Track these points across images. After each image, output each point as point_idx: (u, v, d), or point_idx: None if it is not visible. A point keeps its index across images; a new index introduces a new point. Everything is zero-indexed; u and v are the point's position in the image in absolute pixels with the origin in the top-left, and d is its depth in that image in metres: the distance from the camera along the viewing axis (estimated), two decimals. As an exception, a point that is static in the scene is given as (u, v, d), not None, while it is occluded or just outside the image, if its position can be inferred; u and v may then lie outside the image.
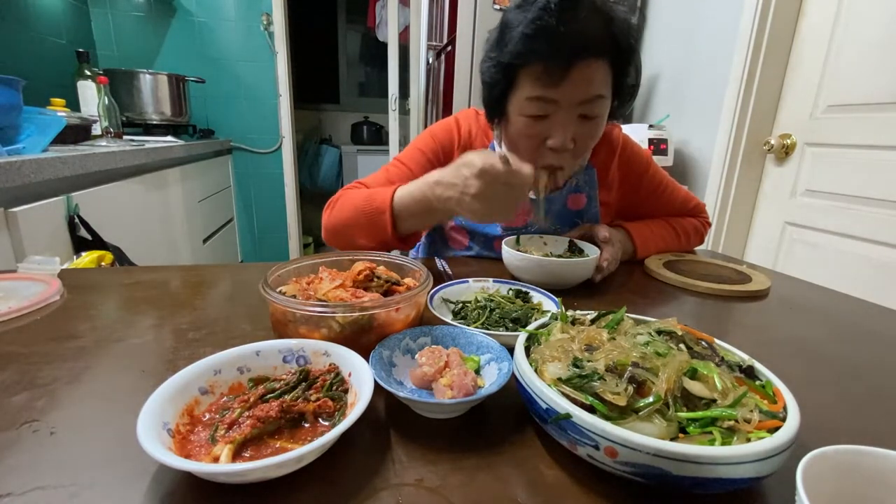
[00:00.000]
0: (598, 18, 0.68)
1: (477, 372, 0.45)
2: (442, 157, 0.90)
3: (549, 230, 0.91)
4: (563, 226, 0.92)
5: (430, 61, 2.56)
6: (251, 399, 0.37)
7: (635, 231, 0.90)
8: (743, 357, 0.40)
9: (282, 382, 0.39)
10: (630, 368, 0.35)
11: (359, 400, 0.36)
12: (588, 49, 0.67)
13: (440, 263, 0.83)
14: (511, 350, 0.42)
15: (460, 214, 0.67)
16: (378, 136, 3.80)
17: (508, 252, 0.75)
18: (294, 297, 0.50)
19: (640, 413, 0.32)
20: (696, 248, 1.04)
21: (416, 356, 0.45)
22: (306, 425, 0.37)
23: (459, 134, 0.90)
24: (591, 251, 0.77)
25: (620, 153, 0.92)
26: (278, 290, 0.51)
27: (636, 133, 1.87)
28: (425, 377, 0.42)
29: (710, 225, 1.04)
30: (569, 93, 0.69)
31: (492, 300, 0.60)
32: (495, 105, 0.79)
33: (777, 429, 0.31)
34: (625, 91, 0.77)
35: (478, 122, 0.93)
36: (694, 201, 1.01)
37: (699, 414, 0.32)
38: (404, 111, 2.88)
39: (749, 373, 0.38)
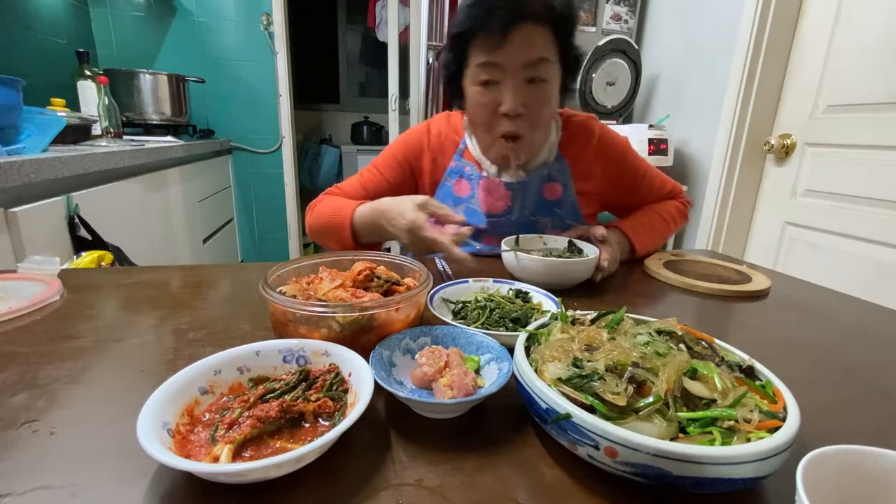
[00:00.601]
0: None
1: (477, 372, 0.45)
2: (413, 161, 0.96)
3: (527, 220, 0.93)
4: (541, 215, 0.93)
5: (430, 61, 2.55)
6: (251, 399, 0.37)
7: (630, 230, 0.90)
8: (743, 357, 0.40)
9: (282, 382, 0.39)
10: (630, 368, 0.35)
11: (359, 400, 0.36)
12: (526, 14, 0.73)
13: (440, 263, 0.83)
14: (511, 350, 0.42)
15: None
16: (378, 136, 3.80)
17: (508, 252, 0.75)
18: (294, 297, 0.50)
19: (640, 413, 0.32)
20: (696, 248, 1.04)
21: (416, 356, 0.45)
22: (306, 425, 0.37)
23: (429, 138, 0.95)
24: (591, 251, 0.77)
25: (598, 144, 0.93)
26: (278, 290, 0.51)
27: (636, 133, 1.87)
28: (425, 377, 0.42)
29: (691, 204, 1.06)
30: (512, 56, 0.74)
31: (492, 300, 0.60)
32: (453, 83, 0.85)
33: (777, 429, 0.31)
34: (570, 59, 0.81)
35: (448, 123, 0.96)
36: (670, 184, 1.03)
37: (699, 414, 0.32)
38: (404, 111, 2.88)
39: (749, 373, 0.38)
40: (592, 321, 0.46)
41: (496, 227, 0.93)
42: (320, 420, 0.37)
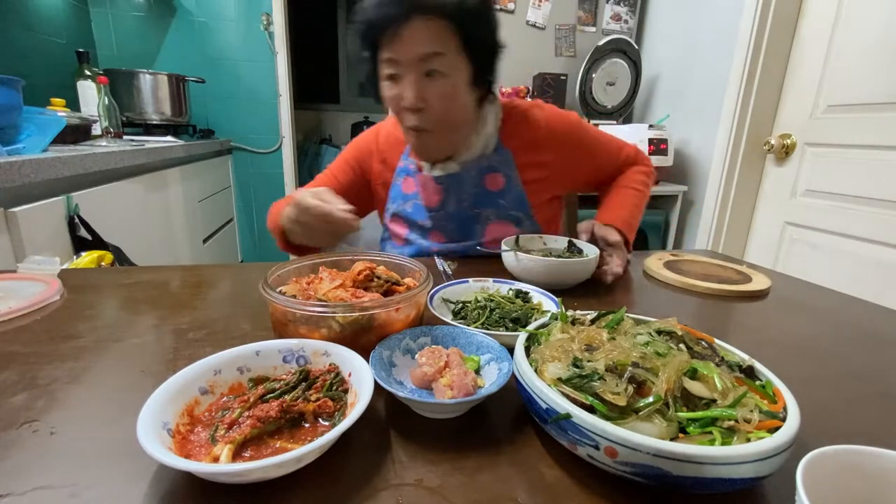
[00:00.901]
0: None
1: (477, 372, 0.45)
2: (363, 163, 0.98)
3: (467, 212, 0.91)
4: (483, 207, 0.91)
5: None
6: (251, 399, 0.37)
7: (624, 226, 0.89)
8: (743, 357, 0.40)
9: (282, 382, 0.39)
10: (630, 368, 0.35)
11: (359, 400, 0.36)
12: (415, 8, 0.71)
13: (440, 263, 0.83)
14: (511, 350, 0.42)
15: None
16: (378, 136, 3.79)
17: (508, 252, 0.75)
18: (294, 297, 0.50)
19: (640, 413, 0.32)
20: (696, 248, 1.04)
21: (416, 356, 0.45)
22: (306, 425, 0.37)
23: (378, 140, 0.97)
24: (591, 251, 0.77)
25: (546, 133, 0.91)
26: (278, 290, 0.51)
27: (636, 133, 1.87)
28: (425, 377, 0.42)
29: (653, 168, 1.05)
30: (404, 50, 0.74)
31: (492, 300, 0.60)
32: (371, 81, 0.84)
33: (777, 429, 0.31)
34: (481, 51, 0.79)
35: (398, 124, 0.94)
36: (627, 148, 1.02)
37: (699, 414, 0.32)
38: (404, 111, 2.88)
39: (749, 373, 0.38)
40: (592, 321, 0.46)
41: (437, 221, 0.93)
42: (320, 420, 0.37)
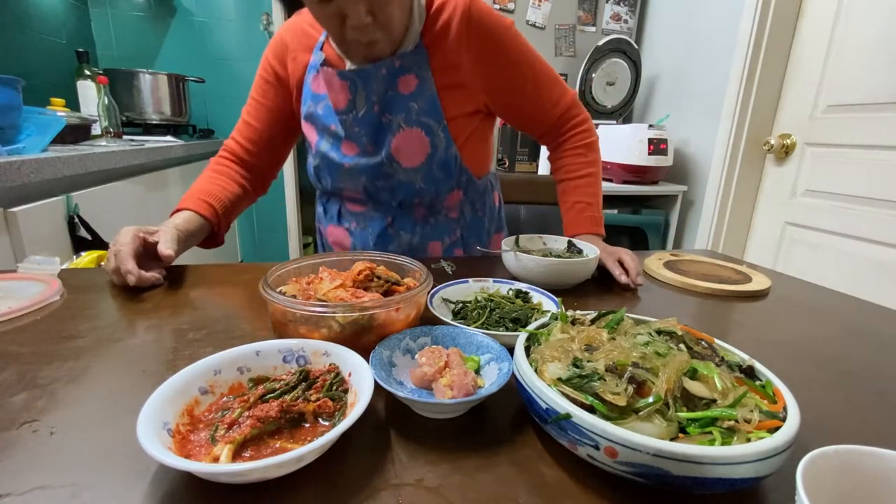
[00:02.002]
0: None
1: (477, 372, 0.45)
2: (279, 71, 0.87)
3: (377, 118, 0.80)
4: (395, 113, 0.80)
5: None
6: (251, 399, 0.37)
7: (598, 227, 0.89)
8: (743, 357, 0.40)
9: (282, 382, 0.39)
10: (630, 368, 0.35)
11: (359, 400, 0.36)
12: None
13: (441, 262, 0.83)
14: (511, 350, 0.42)
15: None
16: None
17: (508, 252, 0.75)
18: (294, 297, 0.50)
19: (640, 413, 0.32)
20: (696, 248, 1.04)
21: (416, 356, 0.45)
22: (306, 425, 0.37)
23: (287, 39, 0.86)
24: (591, 251, 0.77)
25: (464, 26, 0.77)
26: (278, 290, 0.51)
27: (636, 133, 1.87)
28: (425, 377, 0.42)
29: (594, 134, 0.94)
30: None
31: (492, 300, 0.60)
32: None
33: (777, 429, 0.31)
34: None
35: (302, 18, 0.86)
36: (568, 95, 0.90)
37: (699, 414, 0.32)
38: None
39: (749, 373, 0.38)
40: (592, 321, 0.46)
41: (346, 126, 0.82)
42: (320, 420, 0.37)
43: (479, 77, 0.81)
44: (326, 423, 0.37)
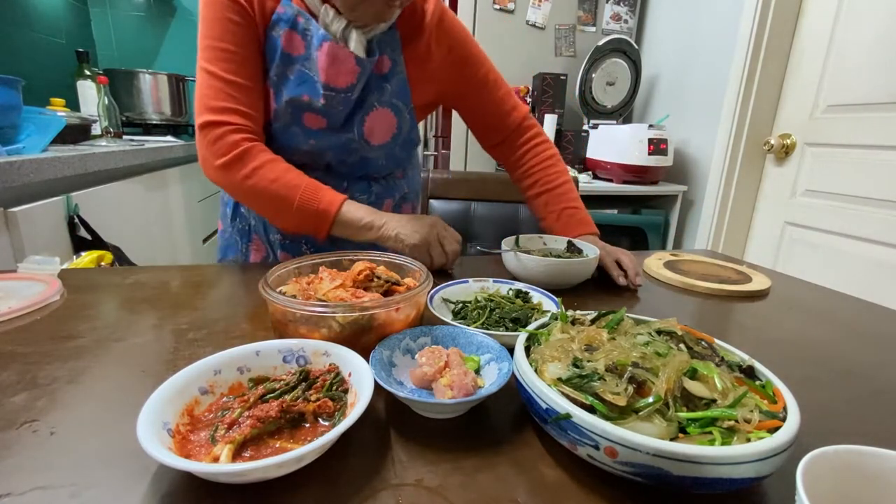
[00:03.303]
0: None
1: (477, 372, 0.45)
2: (249, 10, 0.71)
3: (358, 99, 0.78)
4: (370, 92, 0.79)
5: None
6: (251, 399, 0.37)
7: (590, 227, 0.91)
8: (743, 357, 0.40)
9: (282, 382, 0.39)
10: (630, 368, 0.35)
11: (359, 400, 0.36)
12: None
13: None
14: (511, 350, 0.42)
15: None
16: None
17: (508, 252, 0.75)
18: (294, 297, 0.50)
19: (640, 413, 0.32)
20: (696, 248, 1.04)
21: (416, 356, 0.45)
22: (306, 425, 0.37)
23: None
24: (591, 251, 0.77)
25: (440, 26, 0.81)
26: (278, 290, 0.51)
27: (636, 133, 1.87)
28: (425, 377, 0.42)
29: (554, 146, 0.97)
30: None
31: (492, 300, 0.60)
32: None
33: (777, 429, 0.31)
34: None
35: None
36: (521, 109, 0.93)
37: (699, 414, 0.32)
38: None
39: (749, 373, 0.38)
40: (592, 321, 0.46)
41: (332, 103, 0.76)
42: (320, 420, 0.37)
43: (447, 73, 0.85)
44: (326, 424, 0.37)
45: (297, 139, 0.79)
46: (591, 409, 0.33)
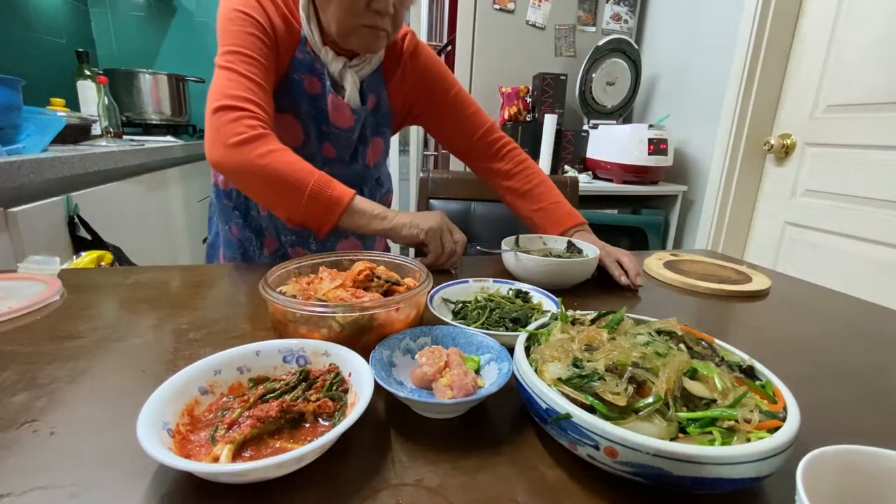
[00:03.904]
0: None
1: (477, 372, 0.45)
2: (273, 37, 0.77)
3: (358, 134, 0.89)
4: (366, 127, 0.91)
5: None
6: (251, 399, 0.37)
7: (579, 220, 0.93)
8: (743, 357, 0.40)
9: (282, 382, 0.39)
10: (630, 368, 0.35)
11: (359, 400, 0.36)
12: None
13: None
14: (511, 350, 0.42)
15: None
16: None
17: (508, 252, 0.75)
18: (294, 297, 0.50)
19: (640, 413, 0.32)
20: (696, 248, 1.04)
21: (416, 356, 0.45)
22: (306, 425, 0.37)
23: (269, 17, 0.78)
24: (591, 251, 0.77)
25: (412, 55, 0.91)
26: (278, 290, 0.51)
27: (636, 133, 1.87)
28: (425, 377, 0.42)
29: (517, 147, 1.02)
30: None
31: (492, 300, 0.60)
32: None
33: (777, 429, 0.31)
34: None
35: (281, 2, 0.81)
36: (492, 124, 0.98)
37: (699, 414, 0.32)
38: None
39: (749, 373, 0.38)
40: (592, 321, 0.46)
41: (336, 138, 0.88)
42: (320, 420, 0.37)
43: (420, 93, 0.93)
44: (326, 424, 0.37)
45: (315, 164, 0.82)
46: (591, 409, 0.33)
